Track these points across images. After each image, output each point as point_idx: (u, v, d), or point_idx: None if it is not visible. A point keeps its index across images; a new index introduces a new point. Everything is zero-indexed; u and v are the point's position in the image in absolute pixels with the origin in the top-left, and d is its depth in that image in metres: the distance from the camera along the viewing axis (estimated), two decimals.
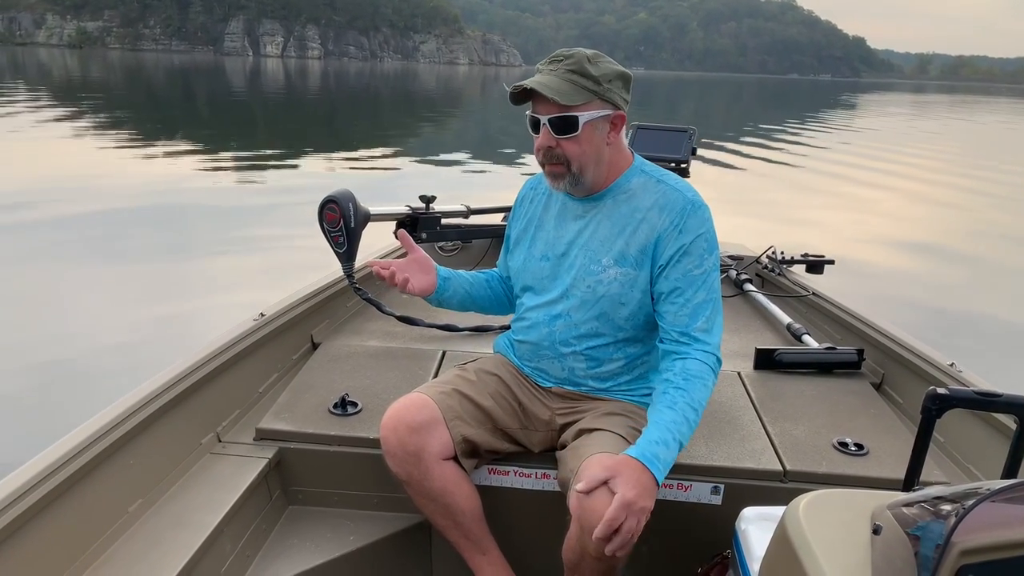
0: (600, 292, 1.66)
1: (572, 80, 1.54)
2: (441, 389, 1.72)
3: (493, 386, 1.79)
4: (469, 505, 1.70)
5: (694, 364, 1.58)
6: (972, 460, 1.92)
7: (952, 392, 1.16)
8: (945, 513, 0.85)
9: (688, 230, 1.60)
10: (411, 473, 1.64)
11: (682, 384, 1.56)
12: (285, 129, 19.66)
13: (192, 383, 1.90)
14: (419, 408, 1.65)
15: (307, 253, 5.54)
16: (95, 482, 1.55)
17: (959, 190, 12.09)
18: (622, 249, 1.64)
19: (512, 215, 1.92)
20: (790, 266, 3.25)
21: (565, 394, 1.78)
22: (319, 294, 2.55)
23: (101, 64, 66.92)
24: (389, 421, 1.64)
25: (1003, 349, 5.06)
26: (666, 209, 1.62)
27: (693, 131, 3.23)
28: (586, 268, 1.67)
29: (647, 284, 1.64)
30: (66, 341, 4.46)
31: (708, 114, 35.26)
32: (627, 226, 1.64)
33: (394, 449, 1.63)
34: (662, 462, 1.45)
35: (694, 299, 1.61)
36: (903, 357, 2.29)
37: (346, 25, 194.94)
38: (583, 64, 1.55)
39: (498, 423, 1.76)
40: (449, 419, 1.66)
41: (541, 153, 1.62)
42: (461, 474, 1.69)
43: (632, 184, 1.68)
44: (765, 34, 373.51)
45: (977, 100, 69.15)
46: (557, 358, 1.75)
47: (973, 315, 5.68)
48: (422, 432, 1.62)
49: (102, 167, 10.98)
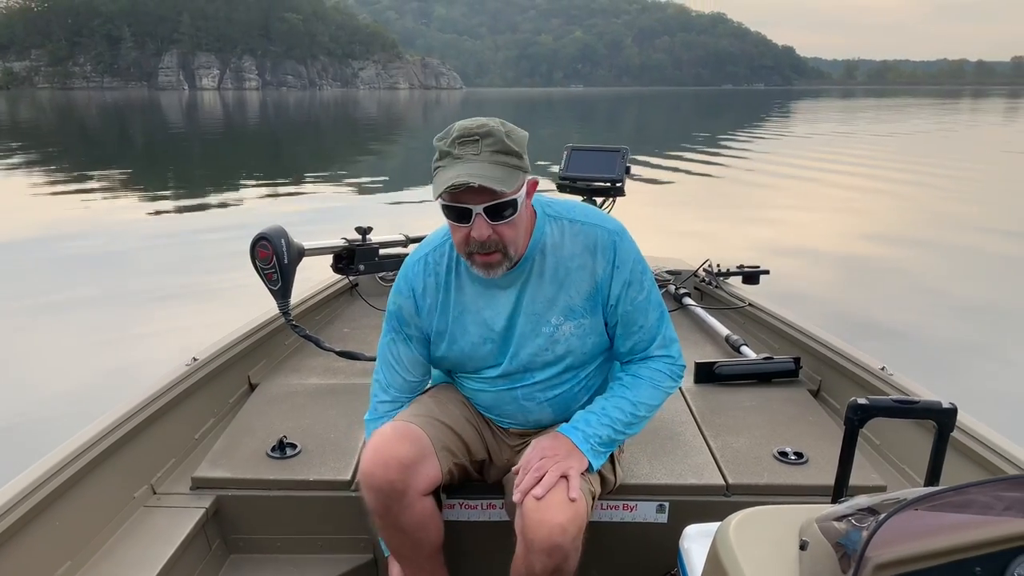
0: (560, 351, 1.62)
1: (502, 162, 1.42)
2: (427, 418, 1.64)
3: (465, 414, 1.74)
4: (437, 539, 1.67)
5: (645, 370, 1.65)
6: (907, 462, 1.97)
7: (872, 402, 1.18)
8: (865, 525, 0.86)
9: (624, 262, 1.59)
10: (390, 508, 1.55)
11: (627, 382, 1.64)
12: (222, 163, 19.35)
13: (123, 434, 1.84)
14: (412, 440, 1.56)
15: (242, 291, 5.43)
16: (17, 547, 1.48)
17: (888, 195, 12.49)
18: (567, 303, 1.59)
19: (401, 315, 1.67)
20: (727, 278, 3.30)
21: (523, 433, 1.76)
22: (255, 333, 2.51)
23: (29, 104, 65.19)
24: (378, 456, 1.52)
25: (932, 347, 5.23)
26: (596, 250, 1.58)
27: (626, 150, 3.27)
28: (537, 332, 1.60)
29: (602, 325, 1.63)
30: None
31: (646, 129, 35.84)
32: (564, 280, 1.58)
33: (379, 483, 1.52)
34: (580, 430, 1.56)
35: (647, 322, 1.63)
36: (837, 363, 2.34)
37: (283, 55, 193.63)
38: (504, 141, 1.42)
39: (473, 455, 1.73)
40: (438, 449, 1.61)
41: (477, 244, 1.46)
42: (435, 509, 1.64)
43: (548, 233, 1.58)
44: (698, 47, 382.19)
45: (904, 104, 71.65)
46: (520, 412, 1.71)
47: (904, 318, 5.86)
48: (413, 467, 1.54)
49: (29, 210, 10.66)
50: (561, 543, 1.42)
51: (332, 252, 2.85)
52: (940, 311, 6.06)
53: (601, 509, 1.81)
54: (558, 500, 1.45)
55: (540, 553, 1.43)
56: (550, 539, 1.42)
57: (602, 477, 1.67)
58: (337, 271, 2.91)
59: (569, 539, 1.43)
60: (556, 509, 1.44)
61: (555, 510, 1.44)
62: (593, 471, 1.57)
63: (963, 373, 4.69)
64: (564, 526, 1.42)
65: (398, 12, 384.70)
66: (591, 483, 1.58)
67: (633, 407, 1.60)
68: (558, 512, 1.43)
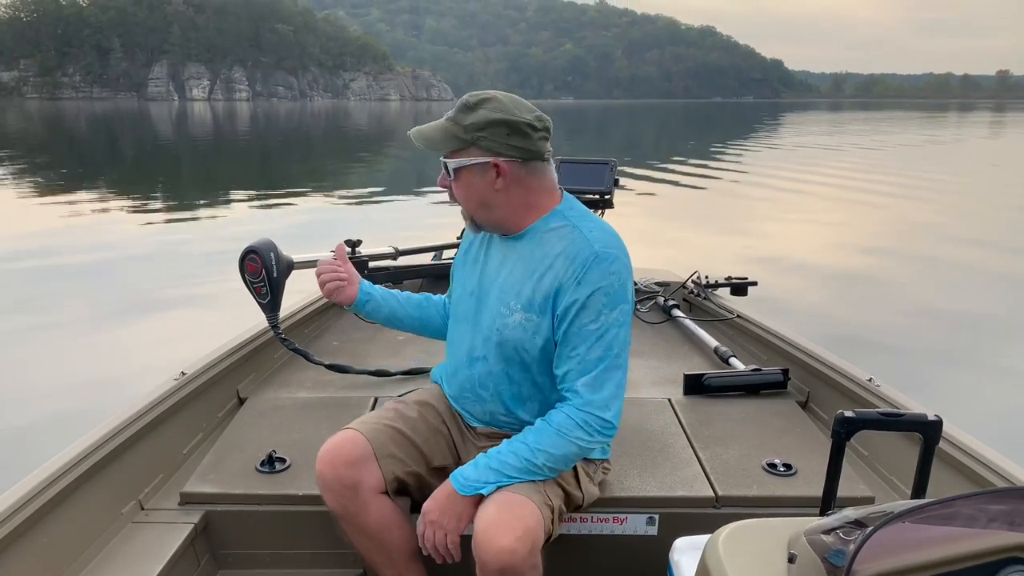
0: (506, 335, 1.63)
1: (445, 128, 1.58)
2: (375, 425, 1.70)
3: (431, 420, 1.78)
4: (404, 542, 1.68)
5: (558, 416, 1.56)
6: (895, 473, 1.98)
7: (859, 415, 1.19)
8: (853, 538, 0.87)
9: (587, 282, 1.54)
10: (347, 507, 1.63)
11: (536, 427, 1.58)
12: (212, 175, 19.31)
13: (111, 450, 1.83)
14: (354, 444, 1.65)
15: (231, 305, 5.41)
16: (6, 564, 1.47)
17: (876, 208, 12.59)
18: (529, 295, 1.60)
19: (461, 249, 1.91)
20: (715, 289, 3.32)
21: (490, 433, 1.77)
22: (244, 347, 2.50)
23: (18, 114, 64.90)
24: (325, 455, 1.63)
25: (919, 359, 5.26)
26: (570, 258, 1.57)
27: (614, 163, 3.29)
28: (497, 310, 1.65)
29: (551, 333, 1.60)
30: None
31: (636, 140, 36.00)
32: (535, 271, 1.60)
33: (330, 483, 1.62)
34: (465, 478, 1.55)
35: (588, 355, 1.55)
36: (825, 375, 2.36)
37: (274, 66, 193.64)
38: (460, 112, 1.57)
39: (432, 462, 1.75)
40: (381, 457, 1.65)
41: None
42: (397, 511, 1.68)
43: (550, 227, 1.63)
44: (688, 60, 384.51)
45: (892, 116, 72.26)
46: (477, 401, 1.74)
47: (891, 330, 5.90)
48: (357, 466, 1.62)
49: (16, 221, 10.60)
50: (511, 563, 1.42)
51: None
52: (926, 323, 6.10)
53: (591, 522, 1.81)
54: (506, 521, 1.45)
55: (493, 574, 1.44)
56: (499, 561, 1.42)
57: (566, 493, 1.66)
58: None
59: (520, 559, 1.43)
60: (505, 531, 1.43)
61: (504, 532, 1.43)
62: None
63: (949, 385, 4.72)
64: (513, 547, 1.42)
65: (389, 24, 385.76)
66: (548, 496, 1.57)
67: (531, 453, 1.53)
68: (507, 534, 1.43)
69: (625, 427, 2.12)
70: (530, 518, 1.47)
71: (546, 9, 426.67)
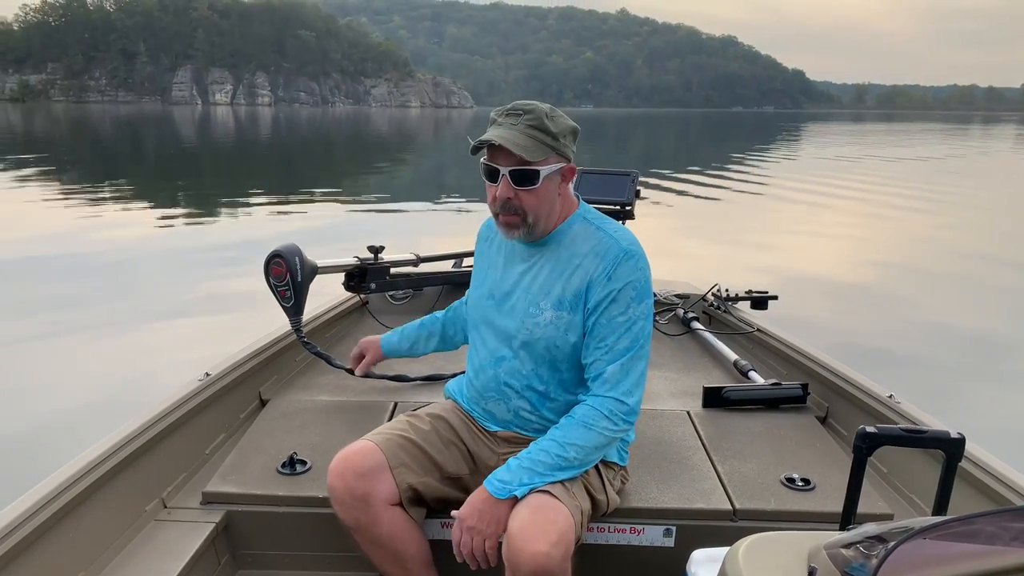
0: (537, 335, 1.69)
1: (533, 136, 1.59)
2: (387, 436, 1.74)
3: (443, 432, 1.80)
4: (418, 552, 1.71)
5: (583, 409, 1.63)
6: (914, 490, 1.97)
7: (881, 430, 1.19)
8: (874, 553, 0.87)
9: (618, 277, 1.63)
10: (359, 519, 1.65)
11: (562, 423, 1.64)
12: (235, 179, 19.48)
13: (135, 448, 1.86)
14: (365, 455, 1.67)
15: (254, 307, 5.46)
16: (33, 559, 1.50)
17: (899, 222, 12.49)
18: (559, 294, 1.67)
19: (476, 253, 1.97)
20: (735, 303, 3.31)
21: (511, 438, 1.79)
22: (267, 350, 2.53)
23: (45, 117, 65.83)
24: (336, 468, 1.66)
25: (940, 376, 5.21)
26: (600, 256, 1.66)
27: (636, 174, 3.30)
28: (525, 311, 1.71)
29: (582, 329, 1.67)
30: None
31: (656, 150, 35.94)
32: (565, 271, 1.68)
33: (342, 495, 1.64)
34: (500, 481, 1.57)
35: (616, 345, 1.63)
36: (845, 391, 2.35)
37: (296, 71, 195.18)
38: (543, 120, 1.60)
39: (446, 470, 1.77)
40: (394, 466, 1.67)
41: (498, 203, 1.64)
42: (410, 521, 1.70)
43: (574, 230, 1.72)
44: (708, 70, 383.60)
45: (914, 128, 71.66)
46: (502, 399, 1.77)
47: (912, 346, 5.85)
48: (369, 477, 1.64)
49: (42, 222, 10.75)
50: (547, 567, 1.44)
51: (344, 270, 2.87)
52: (948, 340, 6.04)
53: (608, 532, 1.81)
54: (540, 524, 1.47)
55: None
56: (534, 564, 1.44)
57: (592, 498, 1.69)
58: (349, 289, 2.94)
59: (555, 563, 1.45)
60: (540, 535, 1.45)
61: (539, 536, 1.45)
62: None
63: (971, 402, 4.67)
64: (548, 552, 1.44)
65: (410, 31, 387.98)
66: (579, 500, 1.61)
67: (561, 448, 1.59)
68: (541, 538, 1.45)
69: (644, 438, 2.12)
70: (563, 522, 1.49)
71: (567, 17, 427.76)
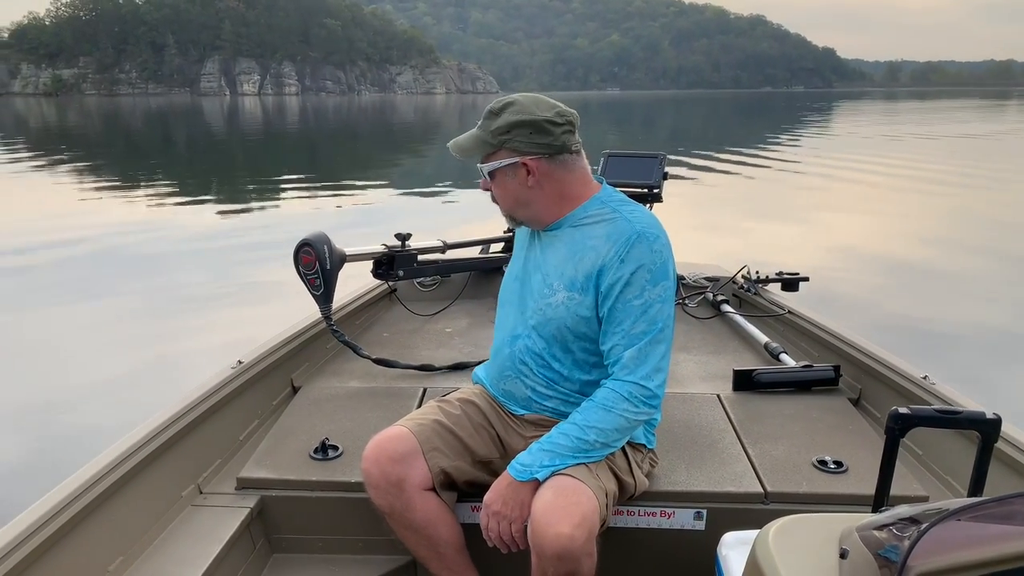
0: (549, 315, 1.70)
1: (475, 136, 1.68)
2: (420, 421, 1.75)
3: (473, 416, 1.81)
4: (451, 536, 1.72)
5: (603, 392, 1.63)
6: (950, 472, 1.94)
7: (914, 411, 1.17)
8: (907, 535, 0.86)
9: (630, 260, 1.61)
10: (393, 504, 1.67)
11: (582, 406, 1.64)
12: (264, 168, 19.65)
13: (171, 435, 1.90)
14: (399, 440, 1.69)
15: (286, 295, 5.52)
16: (75, 541, 1.54)
17: (933, 199, 12.25)
18: (571, 275, 1.67)
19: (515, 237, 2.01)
20: (765, 285, 3.28)
21: (536, 420, 1.79)
22: (298, 337, 2.56)
23: (78, 111, 66.92)
24: (371, 453, 1.68)
25: (975, 356, 5.12)
26: (612, 238, 1.64)
27: (663, 156, 3.27)
28: (539, 291, 1.73)
29: (593, 311, 1.66)
30: (40, 393, 4.41)
31: (684, 132, 35.59)
32: (577, 252, 1.68)
33: (376, 480, 1.66)
34: (521, 464, 1.59)
35: (633, 329, 1.61)
36: (878, 372, 2.32)
37: (322, 60, 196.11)
38: (486, 119, 1.67)
39: (477, 454, 1.78)
40: (427, 451, 1.69)
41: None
42: (443, 505, 1.72)
43: (589, 212, 1.71)
44: (737, 50, 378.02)
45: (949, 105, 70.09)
46: (518, 378, 1.77)
47: (947, 326, 5.75)
48: (403, 462, 1.66)
49: (79, 214, 10.94)
50: (570, 549, 1.45)
51: (372, 258, 2.89)
52: (983, 318, 5.93)
53: (638, 515, 1.81)
54: (563, 507, 1.48)
55: (551, 560, 1.47)
56: (557, 546, 1.45)
57: (619, 480, 1.69)
58: (377, 277, 2.96)
59: (578, 545, 1.45)
60: (563, 517, 1.46)
61: (562, 518, 1.46)
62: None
63: (1008, 383, 4.59)
64: (571, 534, 1.45)
65: (435, 18, 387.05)
66: (603, 481, 1.61)
67: (581, 431, 1.58)
68: (564, 520, 1.46)
69: (674, 422, 2.12)
70: (586, 504, 1.50)
71: (592, 0, 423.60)
